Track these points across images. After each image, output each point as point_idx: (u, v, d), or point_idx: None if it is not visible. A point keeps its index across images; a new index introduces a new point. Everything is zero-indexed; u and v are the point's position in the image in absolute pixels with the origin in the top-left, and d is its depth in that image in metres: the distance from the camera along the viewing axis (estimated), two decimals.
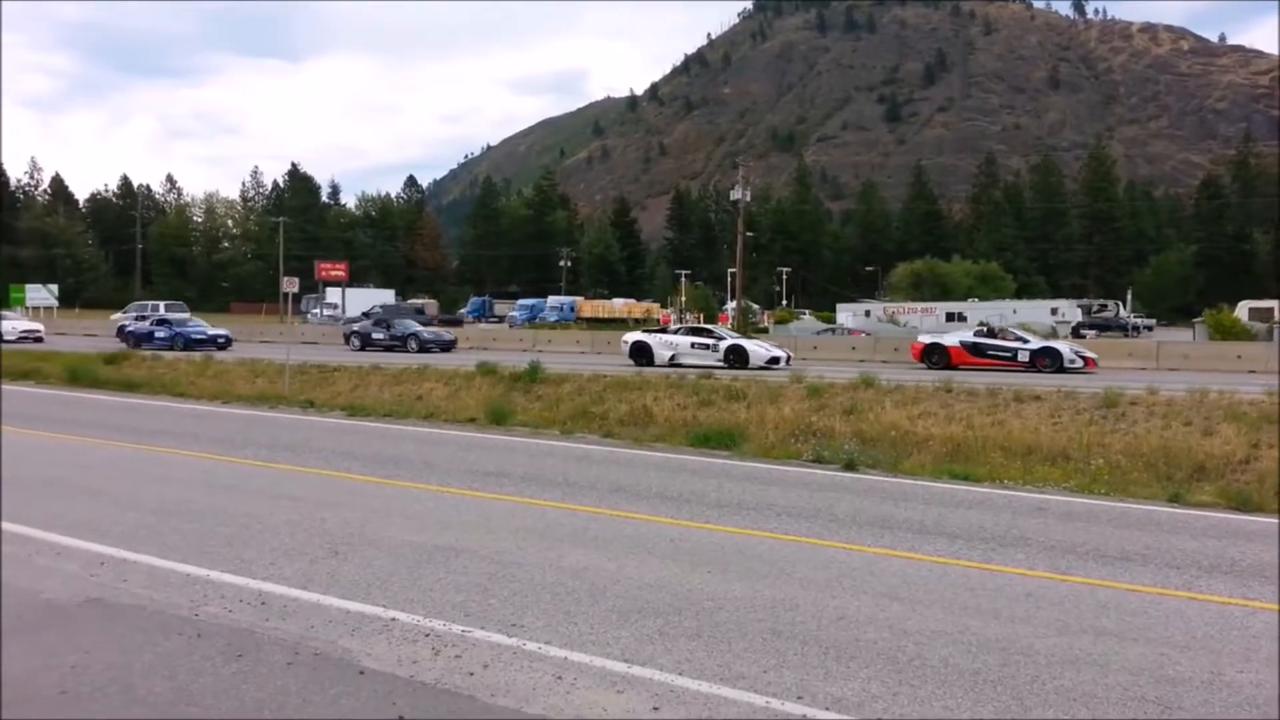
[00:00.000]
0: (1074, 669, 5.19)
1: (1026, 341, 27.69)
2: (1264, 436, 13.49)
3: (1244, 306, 52.59)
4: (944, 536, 8.41)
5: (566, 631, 5.64)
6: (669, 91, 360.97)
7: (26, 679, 4.79)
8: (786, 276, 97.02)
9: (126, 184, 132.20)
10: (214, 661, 5.07)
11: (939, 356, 27.72)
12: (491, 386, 20.90)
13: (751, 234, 73.34)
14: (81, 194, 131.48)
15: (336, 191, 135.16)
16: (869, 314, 67.76)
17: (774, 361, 27.31)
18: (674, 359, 27.85)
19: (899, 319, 63.24)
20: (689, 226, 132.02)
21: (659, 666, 5.09)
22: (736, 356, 27.31)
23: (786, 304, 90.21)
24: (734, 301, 62.74)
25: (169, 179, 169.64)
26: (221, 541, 7.69)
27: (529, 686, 4.81)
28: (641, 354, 28.57)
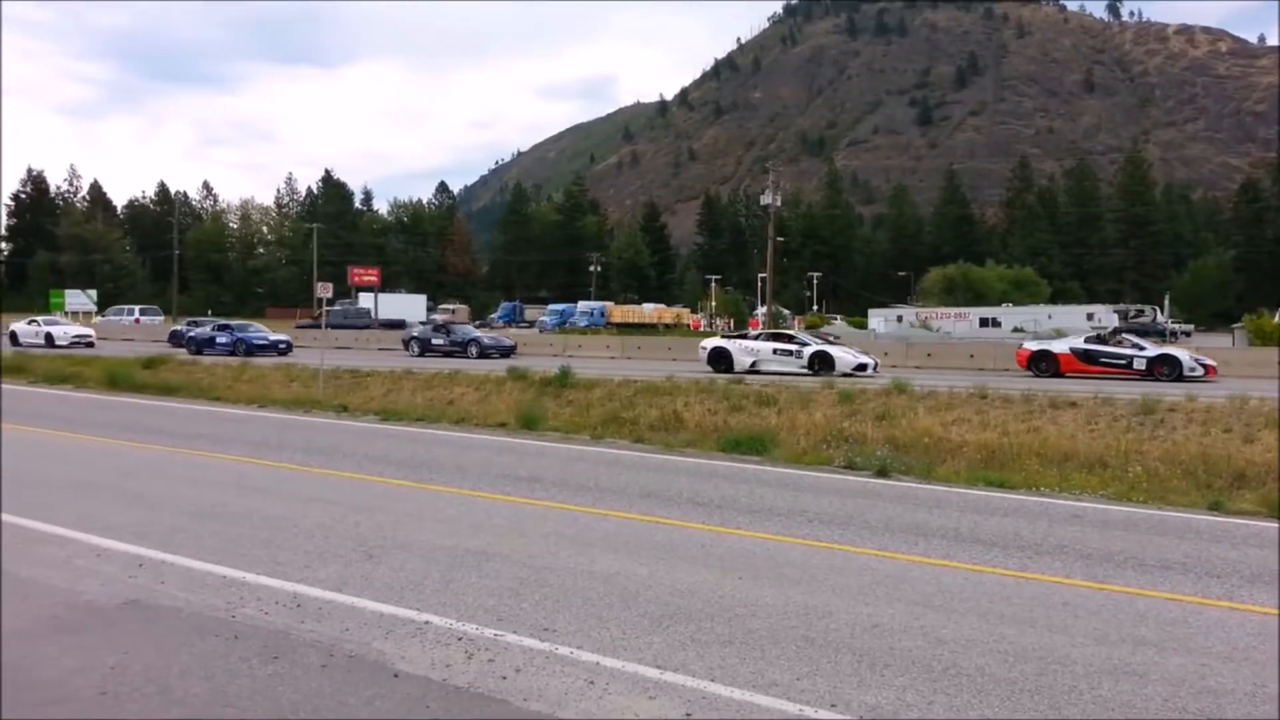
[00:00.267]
0: (1112, 679, 5.11)
1: (1143, 349, 26.29)
2: None
3: None
4: (979, 544, 8.33)
5: (598, 636, 5.64)
6: (699, 96, 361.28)
7: (66, 679, 4.86)
8: (817, 281, 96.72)
9: (164, 190, 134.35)
10: (250, 663, 5.11)
11: (1047, 364, 26.46)
12: (522, 391, 20.98)
13: (782, 239, 73.24)
14: (119, 200, 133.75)
15: (369, 197, 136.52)
16: (900, 319, 67.31)
17: (861, 368, 26.21)
18: (755, 365, 27.11)
19: (931, 324, 62.79)
20: (719, 231, 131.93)
21: (691, 673, 5.07)
22: (822, 363, 26.44)
23: (817, 309, 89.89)
24: (764, 306, 62.62)
25: (205, 185, 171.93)
26: (257, 544, 7.77)
27: (561, 691, 4.81)
28: (720, 360, 27.81)
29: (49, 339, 40.63)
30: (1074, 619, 6.17)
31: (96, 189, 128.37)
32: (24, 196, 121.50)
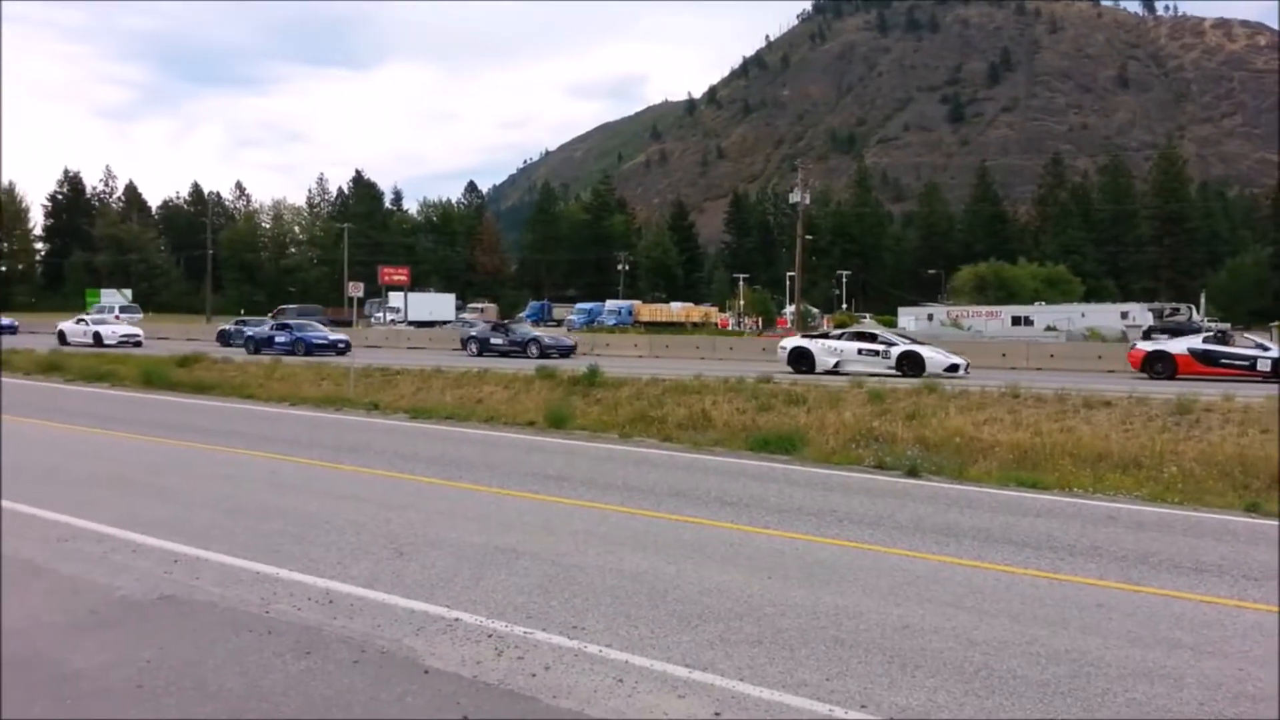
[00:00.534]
0: (1147, 682, 5.05)
1: (1267, 349, 25.20)
2: None
3: None
4: (1011, 545, 8.25)
5: (627, 635, 5.65)
6: (727, 94, 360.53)
7: (102, 673, 4.93)
8: (846, 280, 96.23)
9: (197, 191, 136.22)
10: (284, 658, 5.17)
11: (1164, 365, 25.53)
12: (550, 390, 21.03)
13: (811, 237, 72.90)
14: (154, 201, 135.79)
15: (399, 197, 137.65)
16: (931, 318, 66.81)
17: (953, 369, 25.32)
18: (838, 366, 26.39)
19: (962, 323, 62.27)
20: (747, 230, 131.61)
21: (720, 672, 5.07)
22: (911, 364, 25.52)
23: (846, 307, 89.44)
24: (792, 305, 62.40)
25: (238, 186, 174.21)
26: (290, 540, 7.85)
27: (590, 689, 4.82)
28: (801, 361, 27.10)
29: (97, 338, 40.77)
30: (1108, 621, 6.10)
31: (132, 190, 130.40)
32: (61, 197, 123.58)
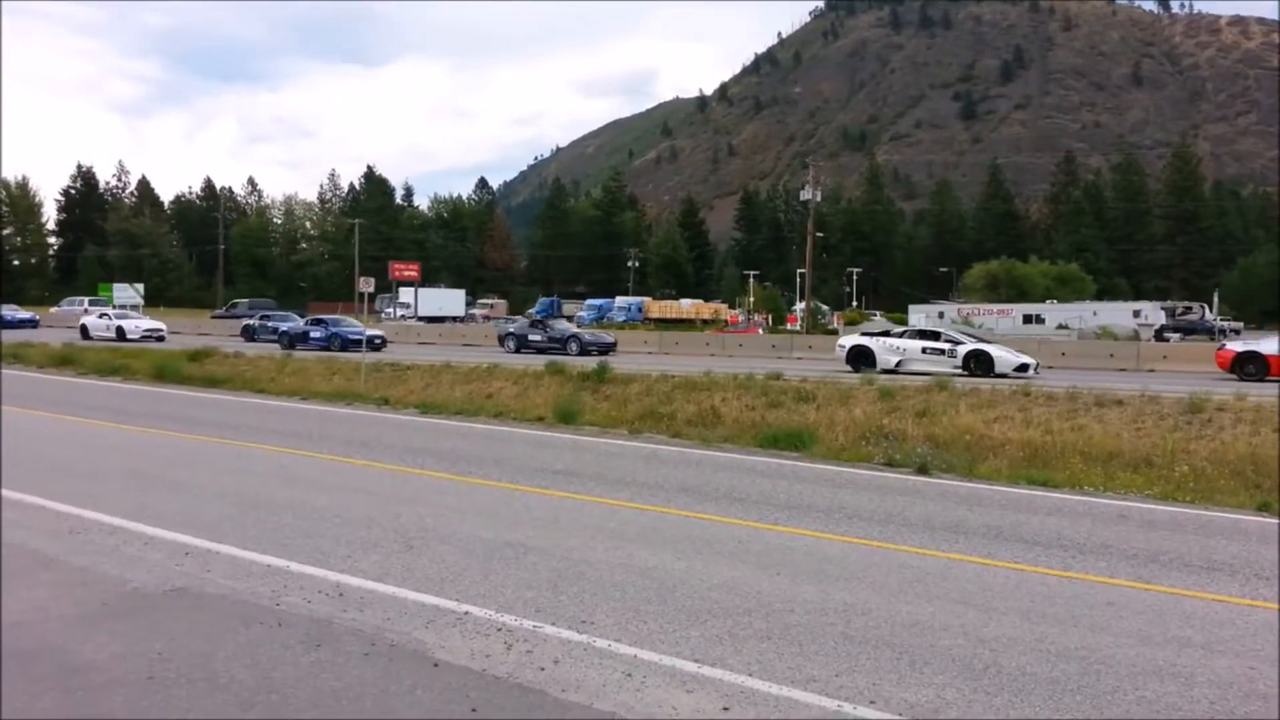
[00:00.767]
0: (1157, 680, 5.03)
1: None
2: None
3: None
4: (1021, 543, 8.24)
5: (636, 630, 5.66)
6: (738, 91, 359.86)
7: (114, 664, 4.96)
8: (857, 277, 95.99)
9: (209, 186, 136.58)
10: (294, 650, 5.19)
11: (1256, 367, 24.21)
12: (560, 386, 21.05)
13: (821, 234, 72.81)
14: (167, 196, 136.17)
15: (410, 193, 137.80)
16: (942, 315, 66.61)
17: (1023, 368, 24.47)
18: (900, 365, 25.61)
19: (973, 320, 62.05)
20: (757, 227, 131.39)
21: (729, 667, 5.07)
22: (979, 363, 24.62)
23: (857, 305, 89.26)
24: (803, 302, 62.32)
25: (250, 181, 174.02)
26: (300, 534, 7.88)
27: (599, 683, 4.83)
28: (861, 359, 26.20)
29: (120, 333, 40.42)
30: (1118, 619, 6.08)
31: (144, 185, 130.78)
32: (74, 192, 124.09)
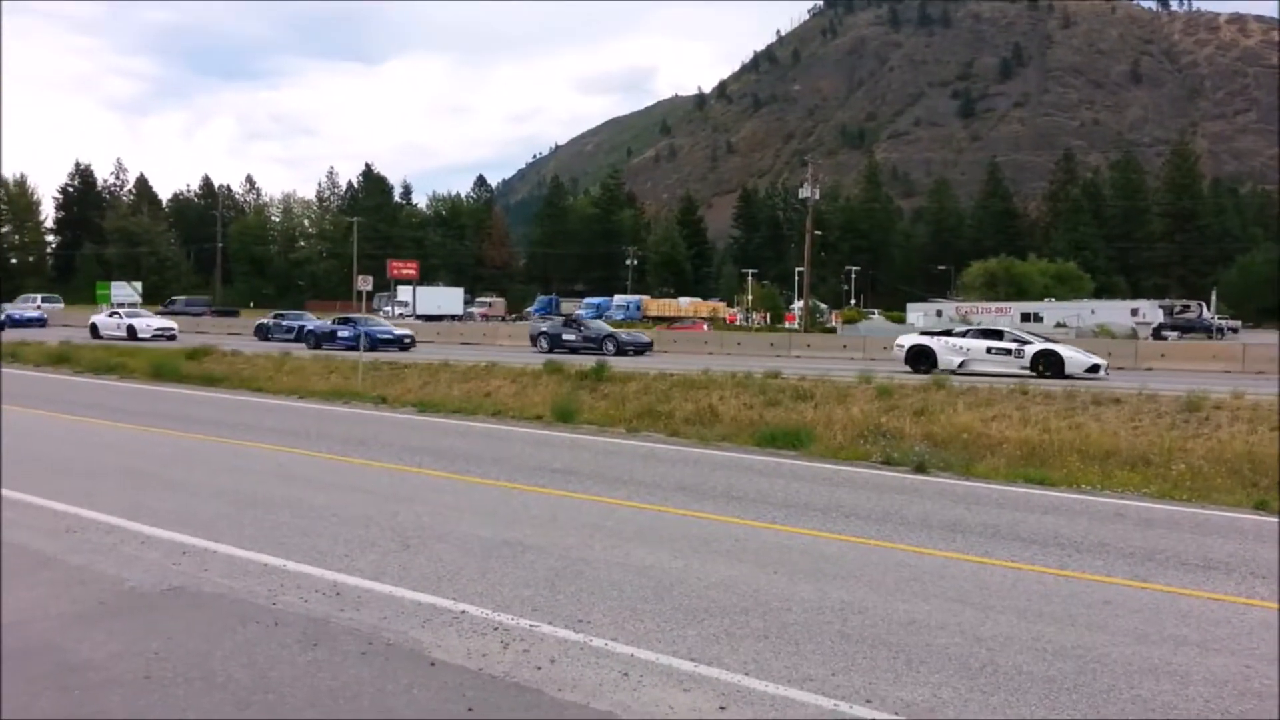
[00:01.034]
0: (1153, 679, 5.04)
1: None
2: None
3: None
4: (1018, 541, 8.24)
5: (633, 629, 5.66)
6: (737, 89, 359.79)
7: (111, 663, 4.96)
8: (855, 275, 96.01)
9: (207, 184, 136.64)
10: (291, 649, 5.19)
11: None
12: (558, 384, 21.05)
13: (820, 232, 72.83)
14: (165, 194, 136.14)
15: (408, 191, 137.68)
16: (940, 314, 66.69)
17: (1094, 369, 23.58)
18: (963, 365, 24.79)
19: (972, 319, 62.10)
20: (756, 225, 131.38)
21: (726, 666, 5.08)
22: (1048, 364, 23.63)
23: (855, 303, 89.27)
24: (801, 300, 62.33)
25: (248, 179, 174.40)
26: (297, 532, 7.88)
27: (596, 682, 4.83)
28: (922, 360, 25.43)
29: (131, 331, 39.90)
30: (1115, 617, 6.09)
31: (143, 183, 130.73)
32: (72, 190, 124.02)
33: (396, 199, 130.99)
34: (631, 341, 34.87)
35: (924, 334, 27.90)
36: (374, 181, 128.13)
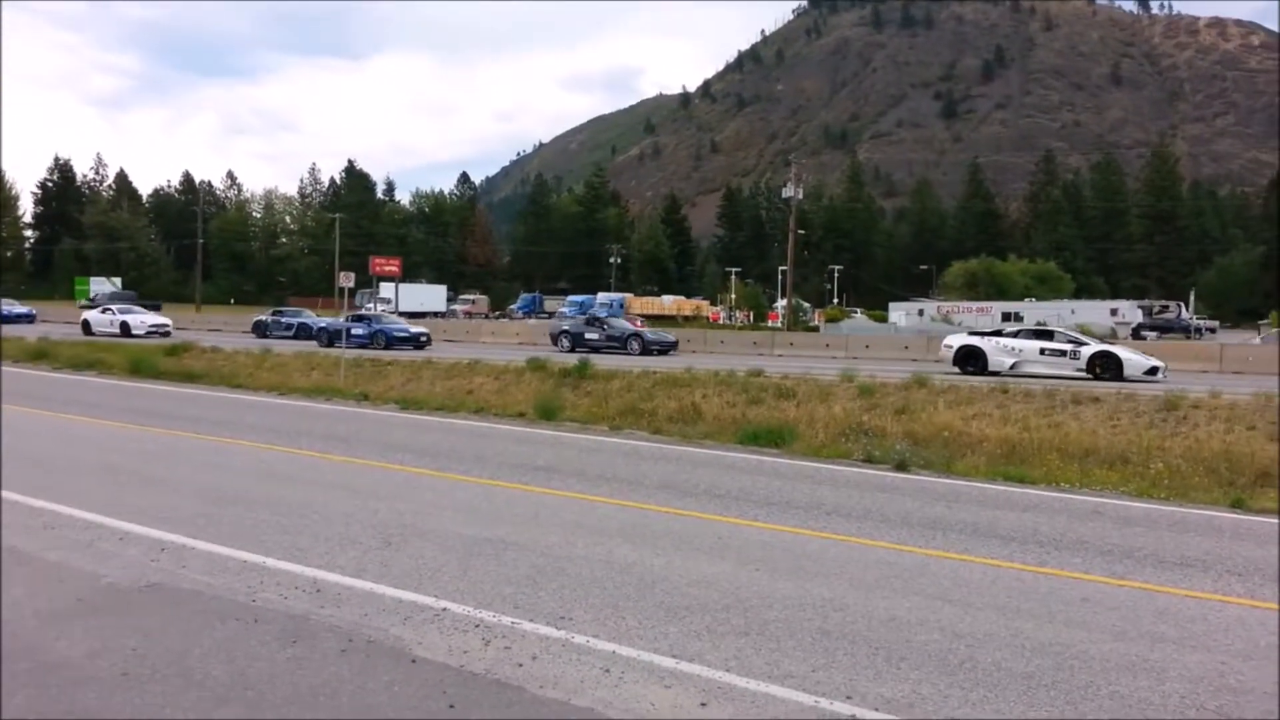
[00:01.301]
0: (1130, 675, 5.08)
1: None
2: None
3: None
4: (997, 539, 8.29)
5: (615, 626, 5.66)
6: (721, 88, 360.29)
7: (88, 661, 4.93)
8: (838, 275, 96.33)
9: (188, 180, 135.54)
10: (270, 647, 5.17)
11: None
12: (541, 382, 21.03)
13: (803, 232, 72.99)
14: (145, 190, 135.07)
15: (391, 188, 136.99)
16: (922, 313, 66.99)
17: (1153, 371, 22.81)
18: (1015, 367, 23.94)
19: (953, 318, 62.45)
20: (739, 224, 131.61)
21: (707, 663, 5.09)
22: (1106, 365, 22.81)
23: (837, 302, 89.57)
24: (784, 299, 62.47)
25: (229, 175, 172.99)
26: (277, 530, 7.84)
27: (577, 679, 4.83)
28: (971, 360, 24.65)
29: (124, 328, 38.97)
30: (1092, 615, 6.14)
31: (123, 178, 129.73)
32: (51, 185, 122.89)
33: (379, 196, 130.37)
34: (657, 340, 33.85)
35: (973, 334, 27.08)
36: (357, 178, 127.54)
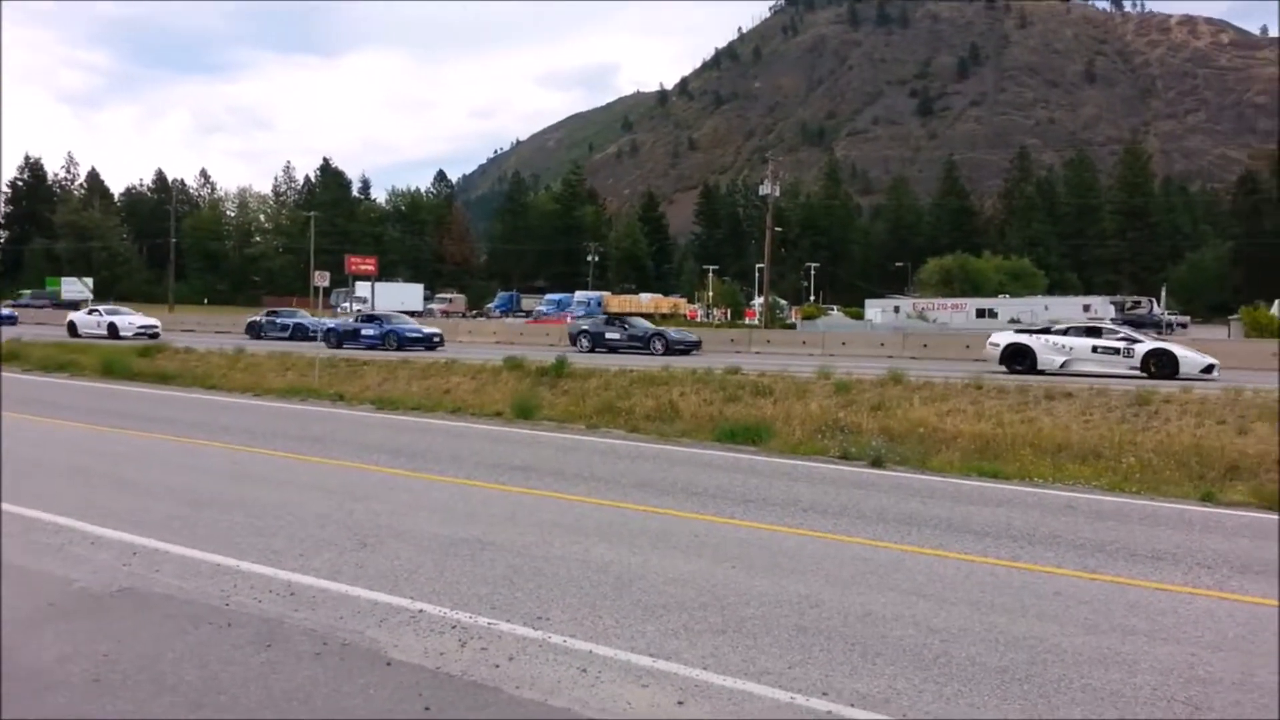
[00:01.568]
0: (1102, 668, 5.14)
1: None
2: None
3: None
4: (971, 534, 8.35)
5: (592, 625, 5.66)
6: (699, 86, 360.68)
7: (59, 667, 4.87)
8: (814, 272, 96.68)
9: (161, 178, 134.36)
10: (244, 650, 5.13)
11: None
12: (518, 381, 20.96)
13: (780, 229, 73.19)
14: (117, 188, 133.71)
15: (367, 186, 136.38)
16: (898, 310, 67.33)
17: (1209, 369, 21.81)
18: (1066, 365, 22.89)
19: (928, 315, 62.82)
20: (717, 222, 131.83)
21: (684, 661, 5.10)
22: (1161, 363, 21.81)
23: (814, 300, 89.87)
24: (761, 297, 62.61)
25: (203, 173, 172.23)
26: (251, 532, 7.78)
27: (554, 679, 4.83)
28: (1019, 359, 23.52)
29: (112, 329, 38.17)
30: (1065, 608, 6.20)
31: (94, 176, 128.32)
32: (21, 184, 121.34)
33: (355, 194, 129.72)
34: (681, 340, 32.47)
35: (1020, 331, 26.06)
36: (332, 176, 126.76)
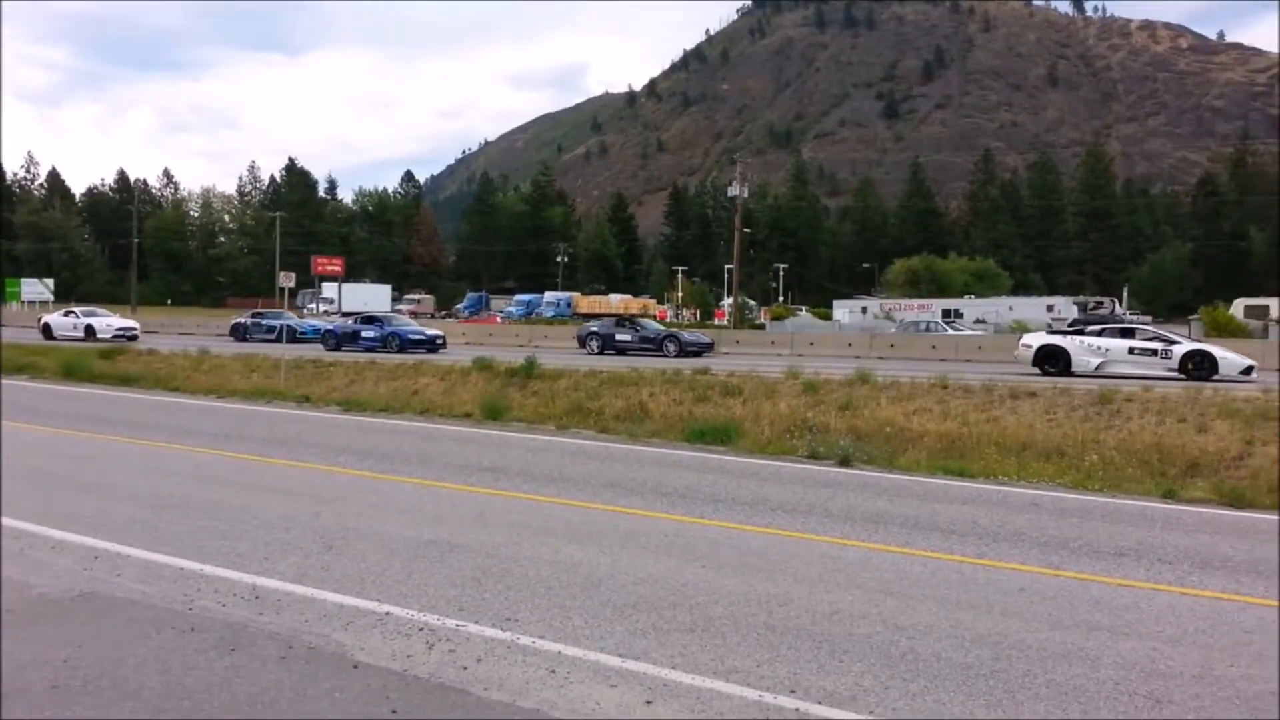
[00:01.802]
0: (1066, 663, 5.20)
1: None
2: (1257, 433, 13.51)
3: (1240, 304, 52.72)
4: (938, 532, 8.43)
5: (560, 626, 5.65)
6: (667, 87, 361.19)
7: (18, 673, 4.78)
8: (783, 273, 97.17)
9: (123, 178, 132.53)
10: (207, 655, 5.07)
11: None
12: (487, 382, 20.86)
13: (748, 230, 73.51)
14: (78, 188, 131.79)
15: (333, 186, 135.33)
16: (865, 310, 67.78)
17: (1248, 371, 21.58)
18: (1102, 367, 22.41)
19: (895, 316, 63.26)
20: (686, 223, 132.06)
21: (653, 661, 5.10)
22: (1199, 365, 21.42)
23: (782, 300, 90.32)
24: (730, 297, 62.82)
25: (166, 173, 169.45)
26: (215, 535, 7.69)
27: (523, 681, 4.81)
28: (1052, 360, 23.00)
29: (89, 331, 37.33)
30: (1029, 605, 6.27)
31: (55, 176, 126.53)
32: None
33: (321, 194, 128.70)
34: (694, 342, 32.10)
35: (1053, 331, 25.38)
36: (297, 176, 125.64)
